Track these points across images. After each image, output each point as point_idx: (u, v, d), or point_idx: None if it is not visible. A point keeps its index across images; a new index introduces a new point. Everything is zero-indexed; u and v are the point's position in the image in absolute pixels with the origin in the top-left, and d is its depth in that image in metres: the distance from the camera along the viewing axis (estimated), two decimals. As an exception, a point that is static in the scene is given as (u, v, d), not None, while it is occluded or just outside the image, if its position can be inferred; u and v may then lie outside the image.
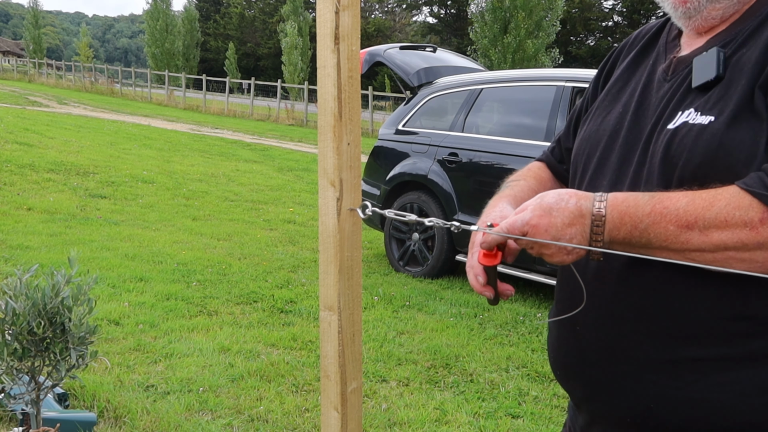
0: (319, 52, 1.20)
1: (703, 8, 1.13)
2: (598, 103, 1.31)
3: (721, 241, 0.96)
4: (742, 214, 0.94)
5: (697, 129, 1.03)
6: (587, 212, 1.03)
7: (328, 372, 1.27)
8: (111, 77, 40.75)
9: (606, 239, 1.03)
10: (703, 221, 0.96)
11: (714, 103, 1.04)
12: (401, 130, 6.30)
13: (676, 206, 0.99)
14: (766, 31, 1.06)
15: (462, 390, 3.52)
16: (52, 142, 11.84)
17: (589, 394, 1.18)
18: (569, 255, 1.07)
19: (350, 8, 1.18)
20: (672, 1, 1.15)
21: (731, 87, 1.04)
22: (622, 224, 1.02)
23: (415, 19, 55.46)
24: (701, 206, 0.97)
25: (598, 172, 1.20)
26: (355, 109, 1.22)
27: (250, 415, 3.11)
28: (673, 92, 1.13)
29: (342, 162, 1.21)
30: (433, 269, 5.78)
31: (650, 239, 1.01)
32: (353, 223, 1.25)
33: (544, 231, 1.04)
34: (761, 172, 0.96)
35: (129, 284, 4.95)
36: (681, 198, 0.99)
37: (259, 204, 8.96)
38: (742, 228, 0.94)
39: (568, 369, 1.21)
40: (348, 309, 1.26)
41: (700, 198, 0.98)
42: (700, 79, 1.07)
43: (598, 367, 1.14)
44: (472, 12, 27.54)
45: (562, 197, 1.05)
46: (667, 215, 0.99)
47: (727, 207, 0.95)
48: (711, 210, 0.96)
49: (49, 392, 2.41)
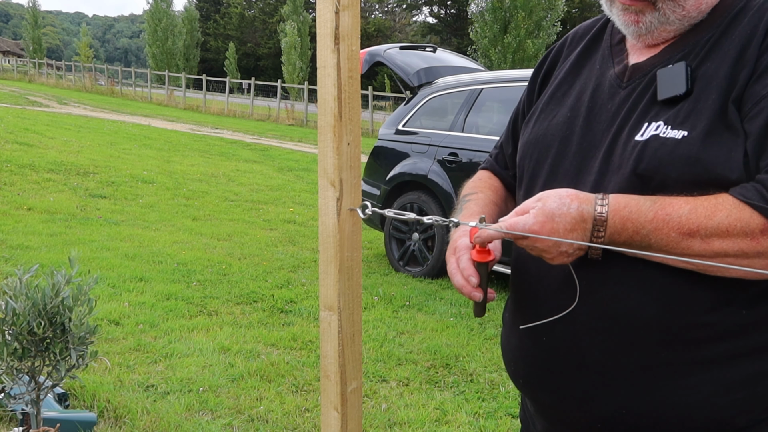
0: (319, 52, 1.20)
1: (655, 29, 1.13)
2: (542, 105, 1.29)
3: (722, 249, 0.98)
4: (744, 225, 0.96)
5: (671, 143, 1.03)
6: (589, 217, 1.04)
7: (328, 372, 1.27)
8: (111, 77, 40.76)
9: (606, 241, 1.04)
10: (705, 230, 0.98)
11: (685, 117, 1.04)
12: (401, 130, 6.30)
13: (678, 213, 1.00)
14: (728, 43, 1.06)
15: (462, 390, 3.53)
16: (52, 142, 11.84)
17: (557, 402, 1.17)
18: (569, 257, 1.07)
19: (350, 8, 1.18)
20: (623, 20, 1.15)
21: (700, 101, 1.04)
22: (623, 229, 1.02)
23: (415, 19, 55.50)
24: (703, 215, 0.98)
25: (551, 178, 1.19)
26: (355, 109, 1.22)
27: (250, 415, 3.11)
28: (634, 101, 1.12)
29: (342, 162, 1.21)
30: (433, 269, 5.78)
31: (651, 244, 1.02)
32: (353, 223, 1.25)
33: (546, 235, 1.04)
34: (757, 183, 0.97)
35: (129, 284, 4.95)
36: (683, 205, 1.00)
37: (259, 204, 8.97)
38: (743, 238, 0.97)
39: (533, 378, 1.20)
40: (348, 309, 1.26)
41: (702, 207, 0.99)
42: (667, 93, 1.07)
43: (567, 376, 1.14)
44: (472, 12, 27.54)
45: (563, 201, 1.04)
46: (670, 222, 1.00)
47: (729, 218, 0.97)
48: (713, 220, 0.98)
49: (49, 392, 2.41)
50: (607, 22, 1.28)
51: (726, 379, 1.04)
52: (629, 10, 1.13)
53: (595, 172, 1.12)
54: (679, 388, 1.06)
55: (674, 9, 1.10)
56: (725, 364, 1.04)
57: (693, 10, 1.10)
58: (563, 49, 1.34)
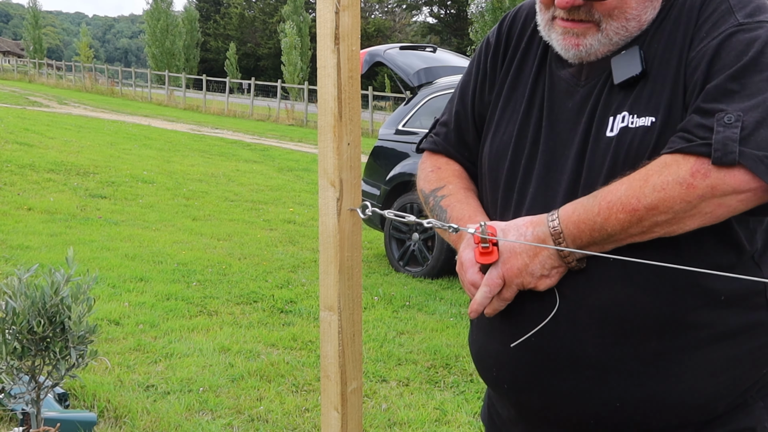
0: (319, 53, 1.20)
1: (594, 51, 1.13)
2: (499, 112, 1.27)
3: (668, 206, 0.99)
4: (673, 175, 0.98)
5: (641, 132, 1.06)
6: (546, 236, 1.08)
7: (328, 372, 1.27)
8: (111, 77, 40.76)
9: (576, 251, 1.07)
10: (645, 199, 1.00)
11: (646, 101, 1.07)
12: (401, 130, 6.29)
13: (617, 196, 1.02)
14: (671, 23, 1.09)
15: (462, 390, 3.52)
16: (52, 143, 11.84)
17: (549, 403, 1.17)
18: (549, 278, 1.10)
19: (350, 8, 1.18)
20: (563, 44, 1.15)
21: (657, 82, 1.07)
22: (581, 232, 1.05)
23: (415, 20, 55.49)
24: (638, 186, 1.00)
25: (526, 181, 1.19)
26: (355, 109, 1.22)
27: (250, 415, 3.11)
28: (595, 97, 1.13)
29: (342, 162, 1.21)
30: (433, 269, 5.77)
31: (610, 233, 1.04)
32: (353, 223, 1.25)
33: (516, 270, 1.10)
34: (679, 131, 1.00)
35: (129, 284, 4.95)
36: (619, 186, 1.03)
37: (259, 204, 8.97)
38: (679, 188, 0.97)
39: (521, 381, 1.19)
40: (348, 309, 1.26)
41: (636, 179, 1.01)
42: (622, 75, 1.09)
43: (560, 375, 1.14)
44: (472, 12, 27.55)
45: (520, 231, 1.10)
46: (614, 206, 1.02)
47: (659, 175, 0.99)
48: (648, 185, 1.00)
49: (49, 392, 2.41)
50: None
51: (709, 364, 1.08)
52: (570, 34, 1.13)
53: (569, 171, 1.13)
54: (667, 376, 1.08)
55: (618, 30, 1.11)
56: (707, 349, 1.08)
57: (635, 29, 1.12)
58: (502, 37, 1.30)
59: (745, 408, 1.12)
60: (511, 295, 1.13)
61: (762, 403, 1.13)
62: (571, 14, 1.11)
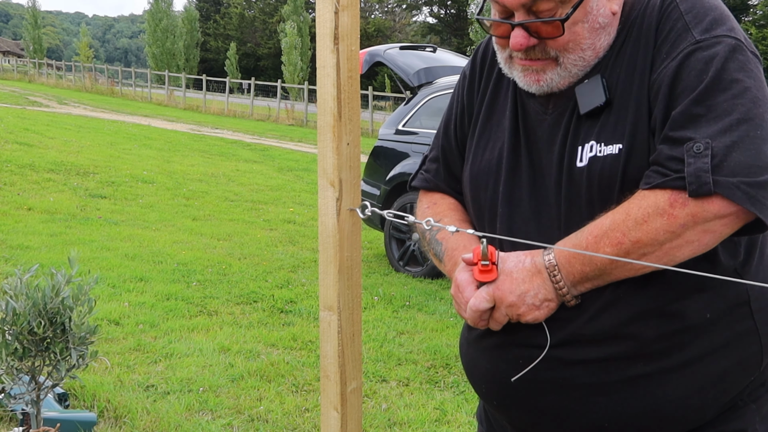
0: (319, 52, 1.20)
1: (556, 84, 1.14)
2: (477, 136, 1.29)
3: (651, 238, 1.00)
4: (654, 208, 0.99)
5: (610, 159, 1.07)
6: (542, 266, 1.09)
7: (327, 372, 1.27)
8: (111, 77, 40.75)
9: (568, 284, 1.08)
10: (629, 233, 1.01)
11: (612, 130, 1.08)
12: (401, 130, 6.29)
13: (602, 230, 1.04)
14: (630, 47, 1.10)
15: (462, 390, 3.52)
16: (52, 142, 11.84)
17: (536, 420, 1.18)
18: (539, 310, 1.10)
19: (350, 8, 1.18)
20: (524, 80, 1.16)
21: (621, 109, 1.08)
22: (572, 266, 1.07)
23: (415, 20, 55.47)
24: (621, 220, 1.02)
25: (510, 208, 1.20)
26: (354, 109, 1.22)
27: (250, 415, 3.11)
28: (564, 127, 1.14)
29: (342, 162, 1.21)
30: (433, 269, 5.77)
31: (600, 268, 1.05)
32: (353, 223, 1.25)
33: (509, 292, 1.10)
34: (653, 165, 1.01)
35: (129, 284, 4.95)
36: (604, 221, 1.04)
37: (259, 204, 8.97)
38: (660, 219, 0.99)
39: (510, 399, 1.20)
40: (348, 309, 1.26)
41: (618, 213, 1.03)
42: (588, 105, 1.10)
43: (548, 396, 1.15)
44: (472, 12, 27.53)
45: (519, 259, 1.11)
46: (600, 241, 1.03)
47: (640, 209, 1.00)
48: (630, 219, 1.01)
49: (49, 392, 2.42)
50: None
51: (696, 381, 1.08)
52: (529, 71, 1.15)
53: (554, 204, 1.15)
54: (655, 396, 1.09)
55: (575, 62, 1.12)
56: (693, 367, 1.08)
57: (592, 58, 1.13)
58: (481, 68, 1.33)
59: (736, 411, 1.12)
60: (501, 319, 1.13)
61: (754, 406, 1.14)
62: (527, 54, 1.13)
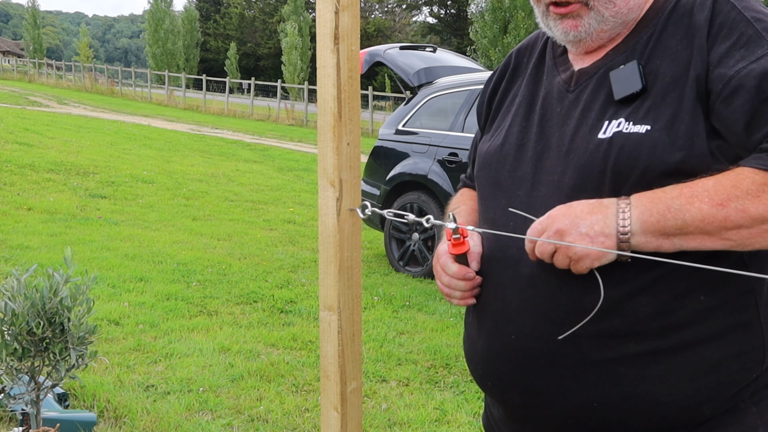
0: (319, 53, 1.20)
1: (593, 30, 1.16)
2: (497, 121, 1.33)
3: (759, 213, 0.98)
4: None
5: (636, 137, 1.06)
6: (610, 203, 1.05)
7: (327, 372, 1.27)
8: (111, 77, 40.75)
9: (635, 228, 1.02)
10: (736, 198, 0.98)
11: (645, 113, 1.08)
12: (401, 130, 6.29)
13: (704, 187, 1.00)
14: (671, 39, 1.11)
15: (462, 390, 3.52)
16: (52, 142, 11.84)
17: (528, 399, 1.18)
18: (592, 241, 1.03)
19: (350, 8, 1.18)
20: (562, 28, 1.18)
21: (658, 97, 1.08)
22: (653, 207, 1.02)
23: (415, 19, 55.47)
24: (729, 185, 0.99)
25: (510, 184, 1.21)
26: (354, 109, 1.22)
27: (250, 415, 3.11)
28: (586, 102, 1.15)
29: (342, 162, 1.21)
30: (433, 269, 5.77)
31: (686, 220, 1.00)
32: (353, 223, 1.25)
33: (562, 215, 1.06)
34: (761, 153, 0.99)
35: (129, 284, 4.95)
36: (706, 181, 1.01)
37: (259, 204, 8.97)
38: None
39: (504, 379, 1.21)
40: (348, 309, 1.26)
41: (725, 178, 1.00)
42: (623, 91, 1.11)
43: (538, 373, 1.15)
44: (472, 12, 27.53)
45: (584, 200, 1.07)
46: (699, 195, 1.00)
47: (755, 183, 0.98)
48: (740, 188, 0.98)
49: (49, 392, 2.41)
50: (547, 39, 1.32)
51: (689, 367, 1.07)
52: (566, 18, 1.17)
53: (558, 172, 1.14)
54: (646, 378, 1.08)
55: (606, 5, 1.14)
56: (688, 352, 1.07)
57: (623, 6, 1.15)
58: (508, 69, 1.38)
59: (736, 413, 1.10)
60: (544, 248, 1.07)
61: (755, 409, 1.11)
62: (558, 5, 1.17)
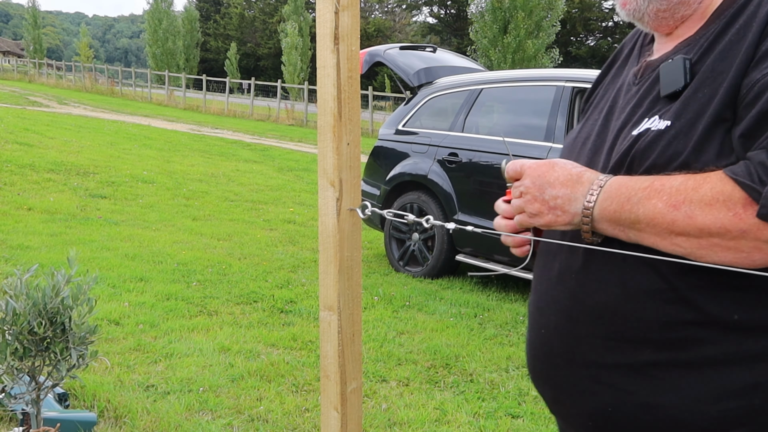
0: (319, 53, 1.20)
1: (645, 9, 1.13)
2: (586, 114, 1.34)
3: (705, 225, 0.94)
4: (726, 198, 0.93)
5: (654, 134, 1.04)
6: (587, 180, 1.06)
7: (327, 372, 1.27)
8: (111, 77, 40.74)
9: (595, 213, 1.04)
10: (689, 202, 0.96)
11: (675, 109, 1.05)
12: (401, 130, 6.30)
13: (670, 184, 0.98)
14: (726, 38, 1.05)
15: (462, 390, 3.53)
16: (52, 142, 11.84)
17: (557, 396, 1.19)
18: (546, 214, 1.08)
19: (350, 8, 1.18)
20: (619, 2, 1.18)
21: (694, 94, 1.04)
22: (616, 195, 1.02)
23: (415, 20, 55.46)
24: (691, 187, 0.96)
25: None
26: (354, 109, 1.22)
27: (250, 415, 3.11)
28: (640, 97, 1.14)
29: (342, 162, 1.21)
30: (433, 269, 5.78)
31: (638, 215, 1.00)
32: (353, 223, 1.26)
33: (537, 176, 1.09)
34: (747, 160, 0.95)
35: (129, 284, 4.95)
36: (677, 177, 0.99)
37: (259, 204, 8.97)
38: (725, 212, 0.93)
39: (539, 372, 1.22)
40: (348, 309, 1.26)
41: (692, 179, 0.97)
42: (668, 88, 1.08)
43: (562, 370, 1.15)
44: (472, 12, 27.51)
45: (574, 164, 1.10)
46: (661, 191, 0.98)
47: (712, 190, 0.94)
48: (698, 192, 0.95)
49: (49, 392, 2.42)
50: None
51: (715, 386, 1.00)
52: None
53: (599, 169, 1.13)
54: (664, 390, 1.03)
55: None
56: (714, 370, 1.00)
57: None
58: (613, 58, 1.38)
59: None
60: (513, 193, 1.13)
61: None
62: None
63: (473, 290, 5.49)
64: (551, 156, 4.93)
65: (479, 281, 5.75)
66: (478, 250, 5.49)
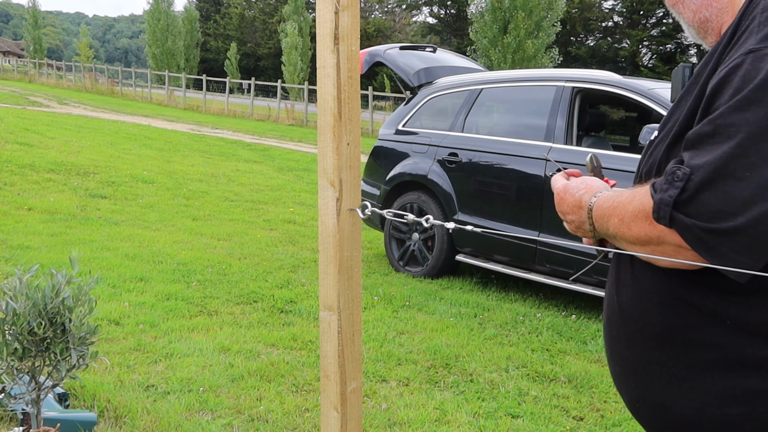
0: (319, 53, 1.20)
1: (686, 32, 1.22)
2: None
3: (639, 235, 1.03)
4: (646, 209, 1.01)
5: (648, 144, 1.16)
6: (585, 205, 1.17)
7: (327, 372, 1.27)
8: (111, 77, 40.74)
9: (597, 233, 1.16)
10: (628, 216, 1.05)
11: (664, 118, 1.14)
12: (401, 130, 6.30)
13: (621, 200, 1.08)
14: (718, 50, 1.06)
15: (462, 390, 3.53)
16: (52, 142, 11.84)
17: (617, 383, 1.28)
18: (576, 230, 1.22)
19: (350, 8, 1.18)
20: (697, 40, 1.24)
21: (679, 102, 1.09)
22: (599, 216, 1.13)
23: (415, 20, 55.43)
24: (627, 200, 1.06)
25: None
26: (354, 109, 1.22)
27: (250, 415, 3.11)
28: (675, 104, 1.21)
29: (342, 162, 1.21)
30: (433, 269, 5.78)
31: (609, 231, 1.11)
32: (353, 223, 1.26)
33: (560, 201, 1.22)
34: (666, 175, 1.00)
35: (129, 284, 4.95)
36: (626, 193, 1.09)
37: (259, 204, 8.97)
38: (645, 223, 1.01)
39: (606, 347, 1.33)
40: (348, 309, 1.26)
41: (632, 193, 1.07)
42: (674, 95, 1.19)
43: (610, 363, 1.26)
44: (472, 12, 27.50)
45: (579, 187, 1.20)
46: (617, 208, 1.08)
47: (640, 203, 1.03)
48: (631, 204, 1.05)
49: (49, 392, 2.42)
50: None
51: (719, 390, 1.00)
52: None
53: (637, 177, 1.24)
54: (673, 390, 1.05)
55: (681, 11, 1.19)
56: (719, 374, 1.01)
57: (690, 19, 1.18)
58: None
59: None
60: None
61: None
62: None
63: (473, 290, 5.49)
64: (551, 155, 4.93)
65: (479, 281, 5.75)
66: (478, 250, 5.49)
